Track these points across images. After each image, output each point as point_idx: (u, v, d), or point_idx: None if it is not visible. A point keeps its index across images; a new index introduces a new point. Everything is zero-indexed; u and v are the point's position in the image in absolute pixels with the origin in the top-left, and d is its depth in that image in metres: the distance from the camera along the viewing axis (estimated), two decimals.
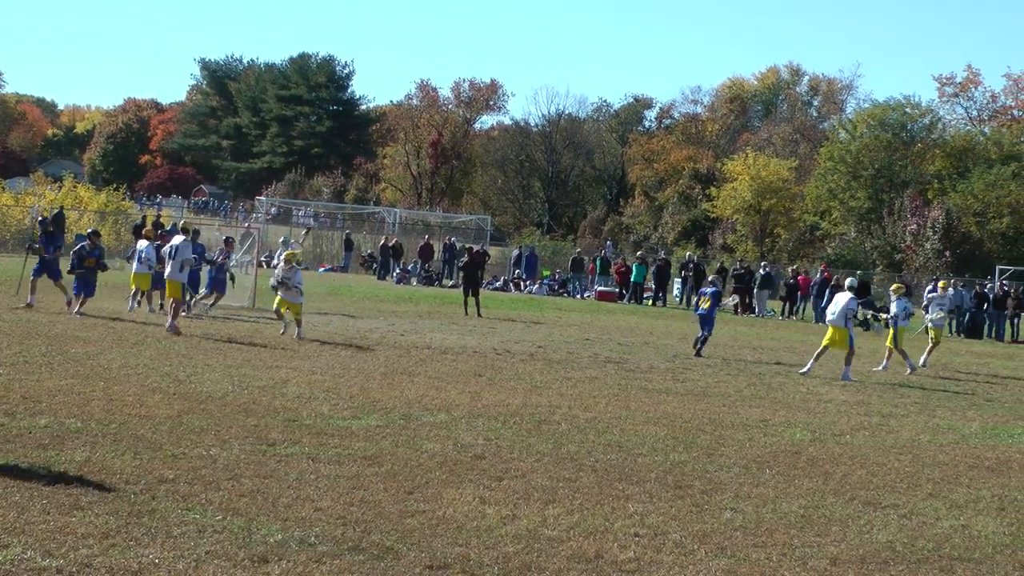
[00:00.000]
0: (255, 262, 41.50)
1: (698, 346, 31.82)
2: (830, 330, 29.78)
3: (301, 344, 27.77)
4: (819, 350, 29.52)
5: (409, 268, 63.20)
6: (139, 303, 33.35)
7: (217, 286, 34.63)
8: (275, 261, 43.53)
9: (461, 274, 46.30)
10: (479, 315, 40.86)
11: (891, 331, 32.52)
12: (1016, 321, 52.41)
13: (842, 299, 29.91)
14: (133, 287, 33.02)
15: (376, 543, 11.22)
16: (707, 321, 32.49)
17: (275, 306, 30.12)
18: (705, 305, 32.69)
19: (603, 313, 48.51)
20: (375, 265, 65.60)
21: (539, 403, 21.00)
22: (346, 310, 39.06)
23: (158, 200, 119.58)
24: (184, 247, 29.49)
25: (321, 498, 12.80)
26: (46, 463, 13.52)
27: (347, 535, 11.35)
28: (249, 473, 13.80)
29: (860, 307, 35.69)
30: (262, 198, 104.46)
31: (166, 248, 30.22)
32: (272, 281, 31.04)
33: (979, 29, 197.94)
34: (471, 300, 41.91)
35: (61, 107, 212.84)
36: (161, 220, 71.02)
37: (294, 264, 30.44)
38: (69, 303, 30.89)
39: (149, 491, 12.59)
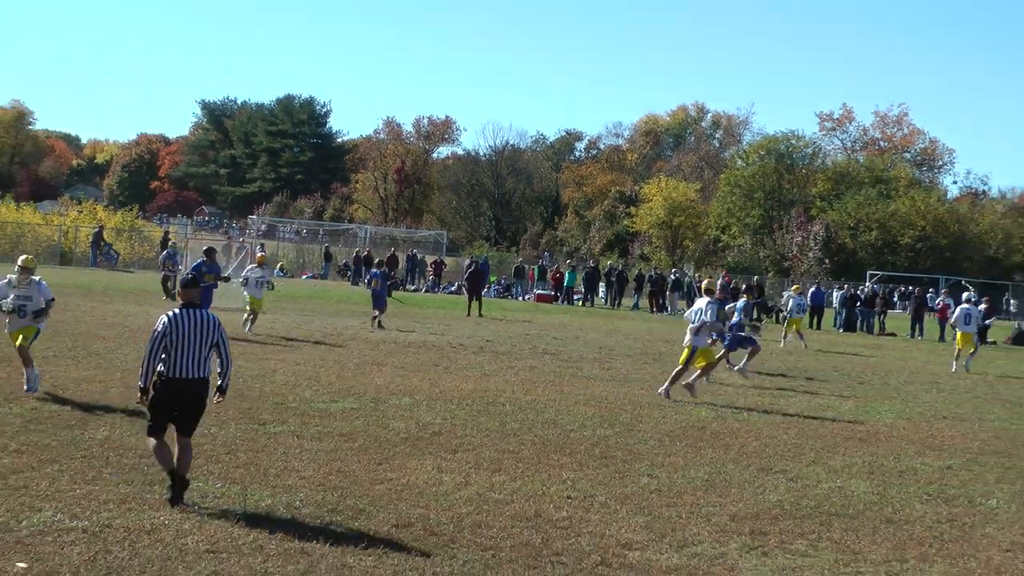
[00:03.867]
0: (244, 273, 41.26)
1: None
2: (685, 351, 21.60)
3: (255, 337, 27.43)
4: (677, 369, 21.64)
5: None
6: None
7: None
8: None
9: (467, 283, 46.26)
10: (480, 315, 41.17)
11: (788, 319, 37.77)
12: (883, 317, 52.82)
13: (701, 304, 21.60)
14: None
15: (351, 506, 11.23)
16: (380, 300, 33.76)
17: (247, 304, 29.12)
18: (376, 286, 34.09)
19: (541, 313, 48.53)
20: (349, 273, 65.43)
21: (487, 388, 21.02)
22: (324, 311, 38.96)
23: (166, 218, 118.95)
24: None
25: (304, 469, 12.80)
26: (72, 441, 13.46)
27: (327, 499, 11.36)
28: (244, 448, 13.77)
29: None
30: (254, 217, 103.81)
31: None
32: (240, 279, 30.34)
33: (853, 73, 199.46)
34: (475, 304, 42.56)
35: (84, 141, 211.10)
36: (169, 236, 71.00)
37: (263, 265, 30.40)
38: None
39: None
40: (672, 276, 60.50)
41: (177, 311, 11.05)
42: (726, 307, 23.74)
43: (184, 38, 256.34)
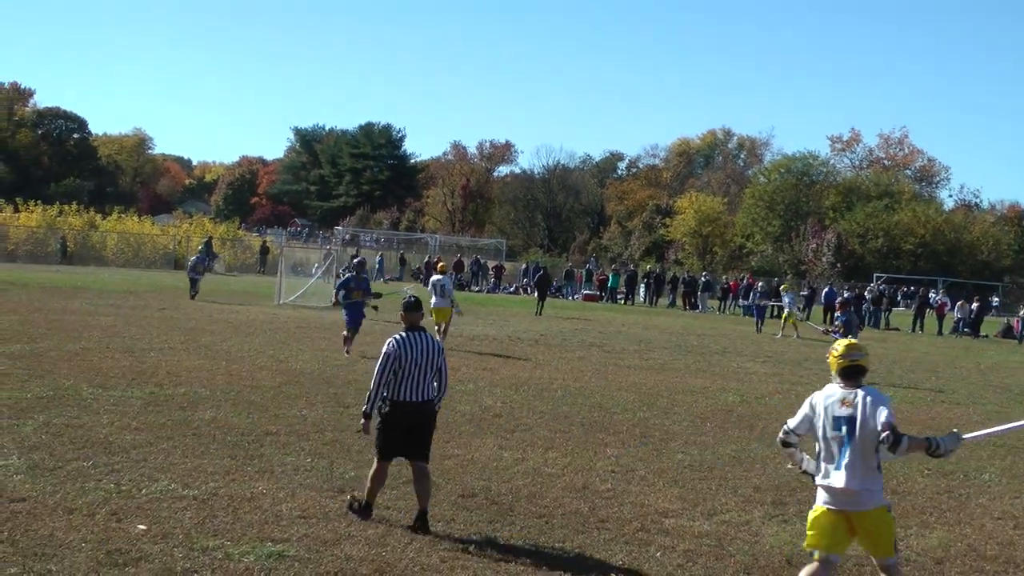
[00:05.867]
0: (334, 274, 41.43)
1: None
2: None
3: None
4: None
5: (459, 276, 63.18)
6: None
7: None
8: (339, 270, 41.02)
9: (536, 286, 47.03)
10: (539, 313, 41.40)
11: (784, 313, 38.18)
12: (887, 314, 52.39)
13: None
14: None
15: None
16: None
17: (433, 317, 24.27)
18: None
19: (588, 310, 48.45)
20: (422, 276, 65.56)
21: (541, 376, 21.00)
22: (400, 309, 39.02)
23: (265, 230, 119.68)
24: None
25: None
26: (184, 420, 13.57)
27: (401, 472, 11.34)
28: (330, 428, 13.83)
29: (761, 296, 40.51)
30: (339, 227, 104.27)
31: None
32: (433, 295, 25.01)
33: (860, 101, 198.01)
34: (540, 303, 43.07)
35: (194, 163, 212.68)
36: (267, 244, 71.46)
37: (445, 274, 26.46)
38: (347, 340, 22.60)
39: (258, 441, 12.63)
40: (703, 278, 60.34)
41: (403, 335, 9.85)
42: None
43: (280, 73, 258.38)
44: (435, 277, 26.00)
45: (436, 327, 24.39)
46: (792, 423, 7.90)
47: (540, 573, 8.40)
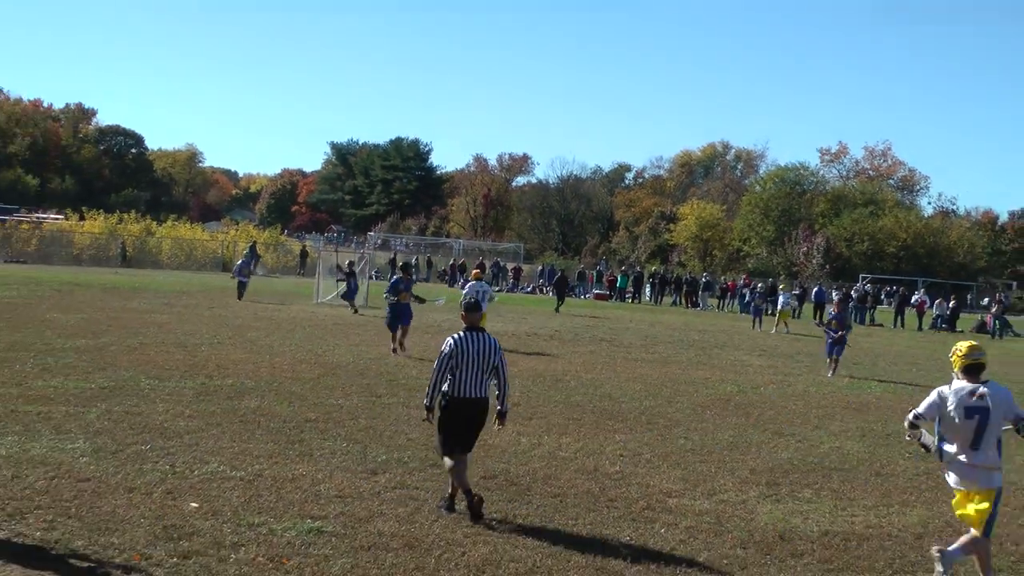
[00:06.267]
0: (368, 276, 41.52)
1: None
2: None
3: None
4: None
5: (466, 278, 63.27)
6: None
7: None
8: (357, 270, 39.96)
9: (555, 287, 47.83)
10: (557, 311, 41.61)
11: (779, 309, 39.30)
12: (872, 311, 52.25)
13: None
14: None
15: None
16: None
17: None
18: None
19: (598, 308, 48.40)
20: (447, 277, 65.60)
21: (556, 368, 21.01)
22: (428, 307, 39.09)
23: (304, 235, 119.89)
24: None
25: (411, 432, 12.87)
26: (232, 408, 13.63)
27: (429, 456, 11.40)
28: (364, 415, 13.88)
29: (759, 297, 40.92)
30: (372, 233, 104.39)
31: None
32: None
33: (847, 116, 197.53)
34: (559, 302, 43.99)
35: (241, 175, 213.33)
36: (306, 249, 71.59)
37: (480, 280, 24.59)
38: (397, 349, 21.89)
39: (299, 427, 12.68)
40: (703, 279, 60.24)
41: (462, 333, 9.52)
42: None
43: (318, 92, 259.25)
44: (470, 283, 24.78)
45: None
46: (920, 410, 8.21)
47: (555, 548, 8.42)
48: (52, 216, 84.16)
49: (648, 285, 61.13)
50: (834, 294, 56.65)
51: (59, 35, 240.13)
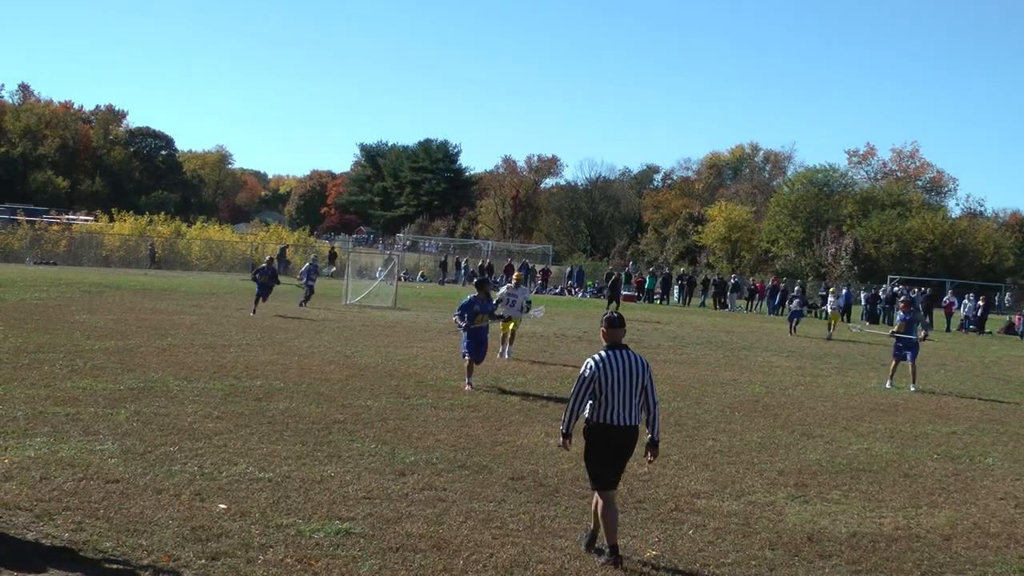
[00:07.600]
0: (397, 277, 41.63)
1: None
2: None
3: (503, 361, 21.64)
4: None
5: (498, 280, 63.15)
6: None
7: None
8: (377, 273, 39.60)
9: (609, 290, 48.60)
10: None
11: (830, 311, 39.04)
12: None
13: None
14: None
15: (476, 462, 11.26)
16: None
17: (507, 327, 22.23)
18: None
19: (626, 310, 48.24)
20: (476, 278, 65.67)
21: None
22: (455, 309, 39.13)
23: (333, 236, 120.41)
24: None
25: (440, 433, 12.86)
26: (260, 410, 13.66)
27: (457, 457, 11.39)
28: (392, 416, 13.88)
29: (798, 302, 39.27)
30: (400, 235, 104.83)
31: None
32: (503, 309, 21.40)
33: (875, 118, 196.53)
34: (612, 304, 44.47)
35: (270, 176, 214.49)
36: (335, 250, 71.77)
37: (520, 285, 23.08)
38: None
39: (327, 428, 12.69)
40: (731, 280, 60.02)
41: (604, 353, 8.37)
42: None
43: (347, 94, 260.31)
44: (508, 287, 22.71)
45: (501, 335, 22.34)
46: None
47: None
48: (82, 218, 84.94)
49: (676, 287, 60.95)
50: (862, 295, 56.49)
51: (90, 38, 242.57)
